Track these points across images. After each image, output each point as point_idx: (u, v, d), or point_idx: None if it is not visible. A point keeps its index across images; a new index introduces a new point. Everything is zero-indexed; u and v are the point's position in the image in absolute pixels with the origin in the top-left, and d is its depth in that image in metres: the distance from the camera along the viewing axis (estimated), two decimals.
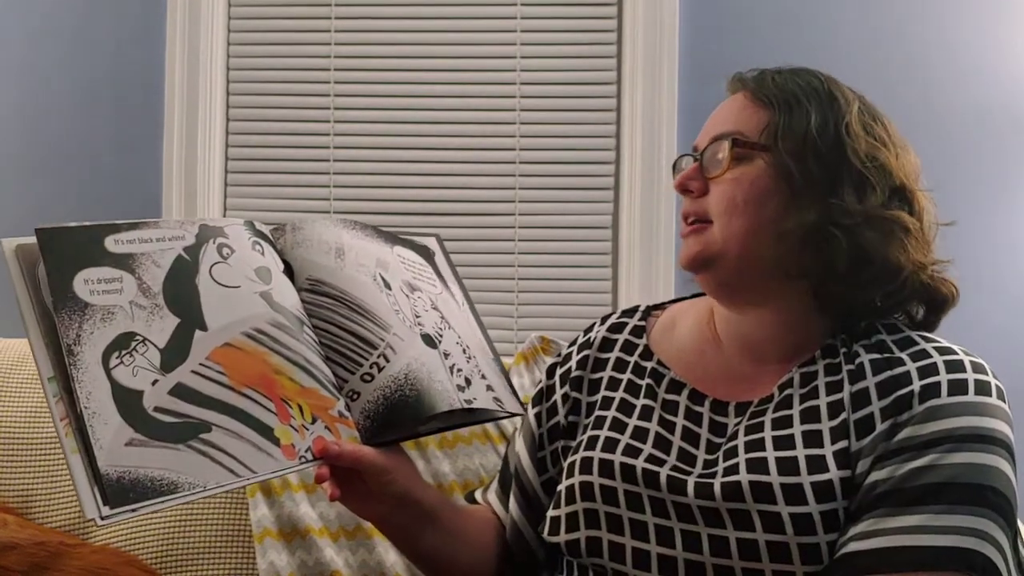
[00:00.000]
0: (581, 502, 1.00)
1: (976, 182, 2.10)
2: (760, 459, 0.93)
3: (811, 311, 1.00)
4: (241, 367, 0.87)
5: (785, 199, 0.97)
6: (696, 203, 1.02)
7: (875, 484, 0.89)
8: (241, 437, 0.84)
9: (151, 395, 0.82)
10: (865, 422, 0.92)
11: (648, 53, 2.14)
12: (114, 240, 0.86)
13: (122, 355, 0.82)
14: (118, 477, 0.77)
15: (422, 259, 1.08)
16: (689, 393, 1.03)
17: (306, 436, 0.88)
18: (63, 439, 0.78)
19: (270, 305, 0.92)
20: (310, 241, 0.99)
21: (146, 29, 2.19)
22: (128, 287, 0.85)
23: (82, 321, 0.82)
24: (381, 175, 2.23)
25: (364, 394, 0.93)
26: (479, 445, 1.46)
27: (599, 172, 2.21)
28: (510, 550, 1.14)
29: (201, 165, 2.17)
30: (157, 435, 0.80)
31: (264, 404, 0.87)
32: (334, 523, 1.39)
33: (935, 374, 0.92)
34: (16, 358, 1.48)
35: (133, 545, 1.35)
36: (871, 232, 0.95)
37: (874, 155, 0.98)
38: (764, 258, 0.98)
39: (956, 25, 2.13)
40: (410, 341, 0.95)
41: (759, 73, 1.05)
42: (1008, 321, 2.08)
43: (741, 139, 0.99)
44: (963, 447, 0.88)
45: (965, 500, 0.86)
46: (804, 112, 0.98)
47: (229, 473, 0.82)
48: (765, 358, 1.02)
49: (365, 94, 2.24)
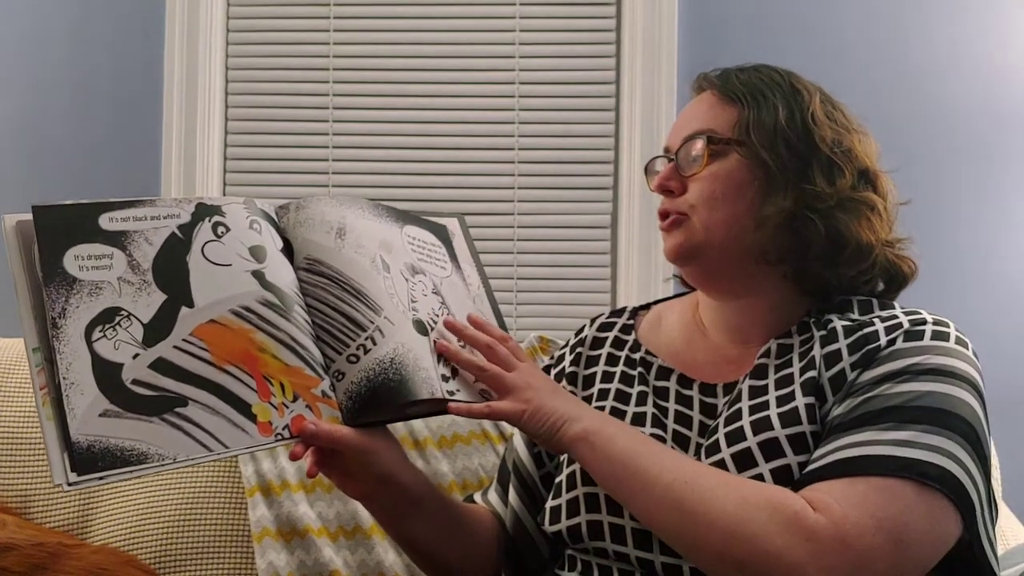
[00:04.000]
0: (582, 487, 1.02)
1: (971, 180, 2.10)
2: (737, 429, 0.96)
3: (791, 293, 1.05)
4: (224, 343, 0.88)
5: (761, 188, 1.02)
6: (674, 201, 1.05)
7: (830, 421, 0.93)
8: (217, 412, 0.86)
9: (130, 368, 0.84)
10: (838, 378, 0.96)
11: (647, 53, 2.14)
12: (108, 218, 0.89)
13: (105, 329, 0.85)
14: (88, 445, 0.80)
15: (436, 240, 1.08)
16: (678, 378, 1.06)
17: (285, 414, 0.89)
18: (40, 408, 0.81)
19: (261, 284, 0.92)
20: (312, 220, 0.99)
21: (144, 27, 2.19)
22: (118, 263, 0.87)
23: (69, 295, 0.84)
24: (380, 175, 2.23)
25: (349, 375, 0.93)
26: (478, 445, 1.46)
27: (598, 172, 2.22)
28: (510, 550, 1.14)
29: (200, 164, 2.17)
30: (132, 407, 0.83)
31: (245, 381, 0.88)
32: (333, 523, 1.39)
33: (899, 328, 0.97)
34: (15, 358, 1.48)
35: (132, 545, 1.35)
36: (843, 214, 1.00)
37: (839, 140, 1.03)
38: (745, 245, 1.02)
39: (956, 25, 2.13)
40: (400, 325, 0.96)
41: (722, 72, 1.09)
42: (1006, 321, 2.08)
43: (715, 136, 1.03)
44: (917, 378, 0.91)
45: (916, 419, 0.88)
46: (771, 105, 1.03)
47: (200, 447, 0.84)
48: (750, 340, 1.06)
49: (364, 94, 2.24)
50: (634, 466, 0.91)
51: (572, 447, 0.94)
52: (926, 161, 2.08)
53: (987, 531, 0.90)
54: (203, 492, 1.38)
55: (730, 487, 0.88)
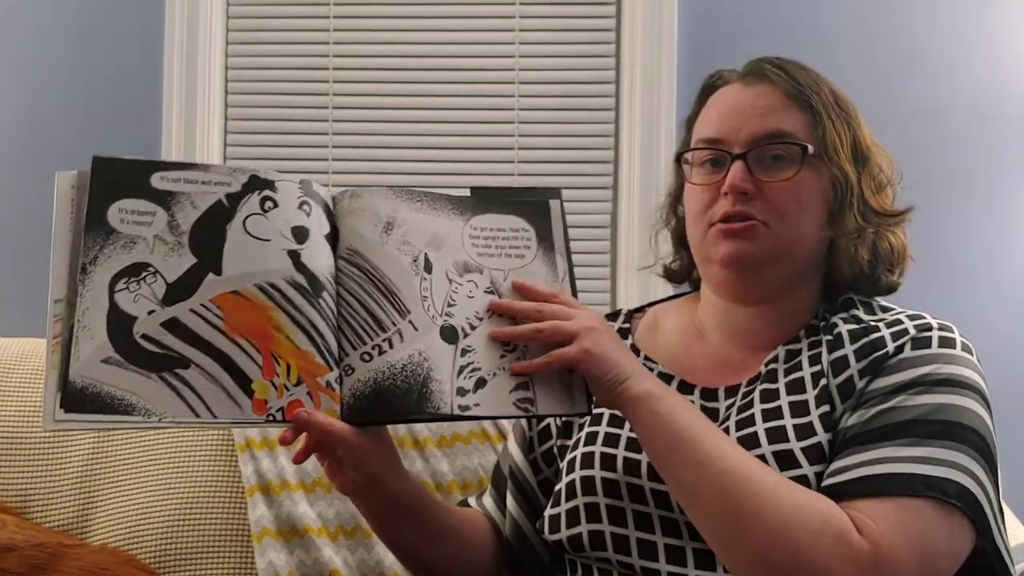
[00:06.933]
0: (582, 496, 1.01)
1: (972, 181, 2.10)
2: (751, 434, 0.95)
3: (812, 299, 1.05)
4: (240, 315, 0.89)
5: (830, 205, 1.01)
6: (752, 205, 0.99)
7: (845, 430, 0.93)
8: (216, 381, 0.87)
9: (143, 322, 0.86)
10: (846, 385, 0.96)
11: (646, 53, 2.14)
12: (160, 176, 0.91)
13: (129, 282, 0.87)
14: (83, 387, 0.83)
15: (526, 223, 1.02)
16: (678, 384, 1.04)
17: (284, 396, 0.88)
18: (48, 356, 0.84)
19: (295, 264, 0.92)
20: (363, 210, 0.98)
21: (144, 28, 2.18)
22: (158, 222, 0.89)
23: (104, 244, 0.87)
24: (380, 175, 2.23)
25: (358, 372, 0.92)
26: (478, 445, 1.45)
27: (598, 172, 2.22)
28: (508, 553, 1.13)
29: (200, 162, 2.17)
30: (134, 359, 0.85)
31: (251, 355, 0.88)
32: (333, 523, 1.39)
33: (905, 335, 0.97)
34: (15, 357, 1.48)
35: (132, 545, 1.35)
36: (892, 231, 1.03)
37: (880, 158, 1.04)
38: (809, 259, 1.02)
39: (957, 24, 2.13)
40: (424, 332, 0.94)
41: (777, 67, 1.04)
42: (1005, 321, 2.08)
43: (803, 143, 0.99)
44: (930, 390, 0.92)
45: (935, 434, 0.89)
46: (836, 118, 1.02)
47: (188, 410, 0.85)
48: (755, 345, 1.04)
49: (364, 93, 2.24)
50: (693, 442, 0.88)
51: (632, 404, 0.91)
52: (926, 160, 2.08)
53: (1000, 537, 0.91)
54: (203, 492, 1.38)
55: (784, 489, 0.87)
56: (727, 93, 1.05)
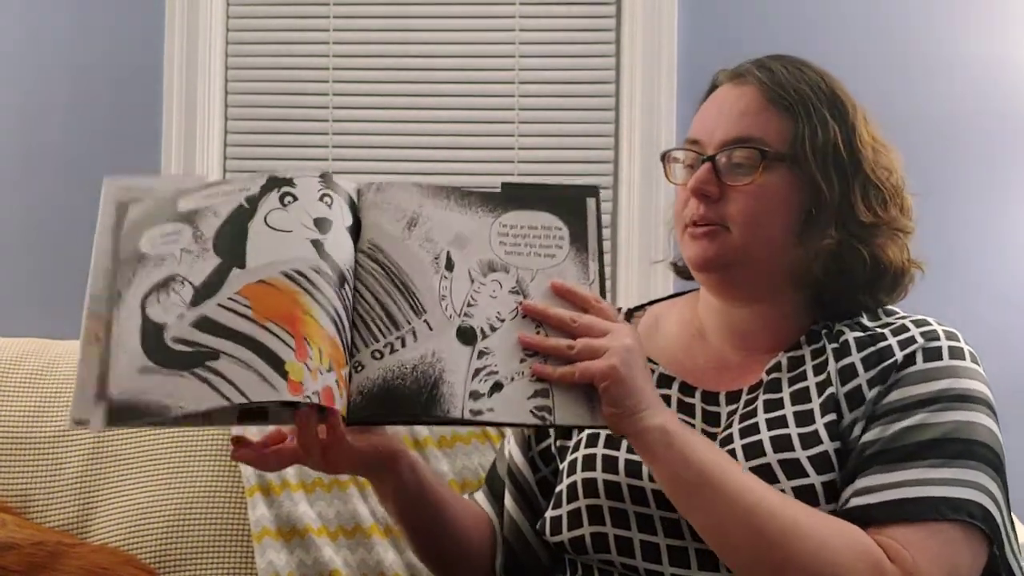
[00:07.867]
0: (584, 499, 1.00)
1: (973, 182, 2.10)
2: (756, 443, 0.95)
3: (806, 303, 1.03)
4: (269, 302, 0.88)
5: (806, 209, 0.99)
6: (713, 210, 0.99)
7: (866, 445, 0.93)
8: (248, 366, 0.85)
9: (172, 327, 0.87)
10: (854, 394, 0.96)
11: (647, 53, 2.14)
12: (184, 200, 0.93)
13: (159, 294, 0.89)
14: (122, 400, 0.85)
15: (559, 221, 0.98)
16: (679, 386, 1.04)
17: (318, 379, 0.86)
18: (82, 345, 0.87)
19: (319, 253, 0.91)
20: (387, 204, 0.96)
21: (144, 28, 2.19)
22: (184, 237, 0.91)
23: (136, 269, 0.90)
24: (380, 175, 2.23)
25: (367, 370, 0.90)
26: (478, 444, 1.46)
27: (598, 172, 2.22)
28: (509, 557, 1.12)
29: (200, 164, 2.18)
30: (168, 363, 0.85)
31: (283, 338, 0.86)
32: (333, 522, 1.39)
33: (913, 343, 0.97)
34: (15, 356, 1.48)
35: (132, 544, 1.35)
36: (882, 239, 1.00)
37: (878, 160, 1.01)
38: (781, 263, 1.00)
39: (958, 24, 2.13)
40: (439, 332, 0.92)
41: (765, 66, 1.03)
42: (1005, 321, 2.08)
43: (767, 150, 0.98)
44: (950, 407, 0.93)
45: (957, 455, 0.90)
46: (821, 119, 0.99)
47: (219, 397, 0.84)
48: (754, 347, 1.04)
49: (364, 93, 2.25)
50: (715, 479, 0.87)
51: (643, 436, 0.87)
52: (927, 160, 2.08)
53: (1012, 548, 0.93)
54: (203, 492, 1.38)
55: (812, 522, 0.87)
56: (718, 94, 1.05)
